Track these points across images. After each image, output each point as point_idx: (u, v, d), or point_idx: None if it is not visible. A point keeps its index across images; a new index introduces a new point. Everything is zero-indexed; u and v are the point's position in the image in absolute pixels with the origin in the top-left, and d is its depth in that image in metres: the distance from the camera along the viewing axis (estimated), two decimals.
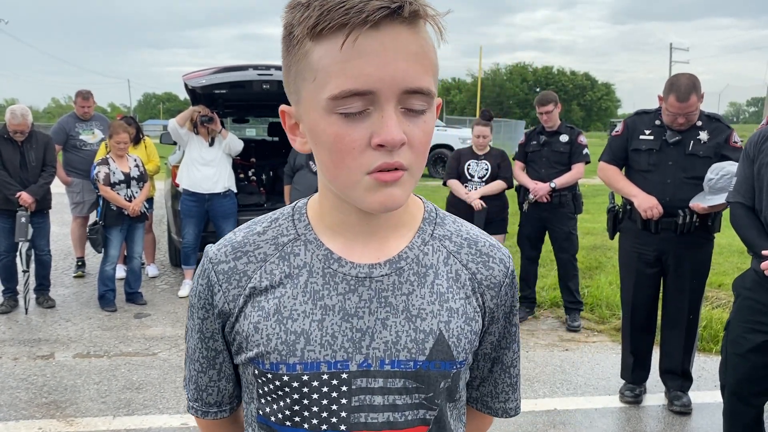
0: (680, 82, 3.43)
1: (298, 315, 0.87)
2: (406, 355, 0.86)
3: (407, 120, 0.78)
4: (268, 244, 0.91)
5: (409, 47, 0.76)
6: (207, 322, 0.93)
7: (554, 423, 3.64)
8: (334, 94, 0.75)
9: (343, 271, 0.88)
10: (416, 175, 0.82)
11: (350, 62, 0.74)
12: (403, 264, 0.89)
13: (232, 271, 0.91)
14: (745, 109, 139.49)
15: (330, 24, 0.74)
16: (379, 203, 0.80)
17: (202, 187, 5.91)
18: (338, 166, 0.80)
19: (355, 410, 0.86)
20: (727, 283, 6.00)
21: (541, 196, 5.10)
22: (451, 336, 0.88)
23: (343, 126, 0.77)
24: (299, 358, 0.86)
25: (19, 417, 3.63)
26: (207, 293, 0.92)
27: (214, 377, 0.98)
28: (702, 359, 4.60)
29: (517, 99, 76.14)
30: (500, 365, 1.02)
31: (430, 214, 0.95)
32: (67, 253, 7.45)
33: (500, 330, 0.98)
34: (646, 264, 3.72)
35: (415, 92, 0.77)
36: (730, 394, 2.87)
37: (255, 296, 0.89)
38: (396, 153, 0.77)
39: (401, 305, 0.87)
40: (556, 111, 5.17)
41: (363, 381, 0.86)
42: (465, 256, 0.93)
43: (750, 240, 2.77)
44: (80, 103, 6.58)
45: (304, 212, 0.93)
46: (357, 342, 0.86)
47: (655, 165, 3.60)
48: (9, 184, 5.27)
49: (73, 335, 4.97)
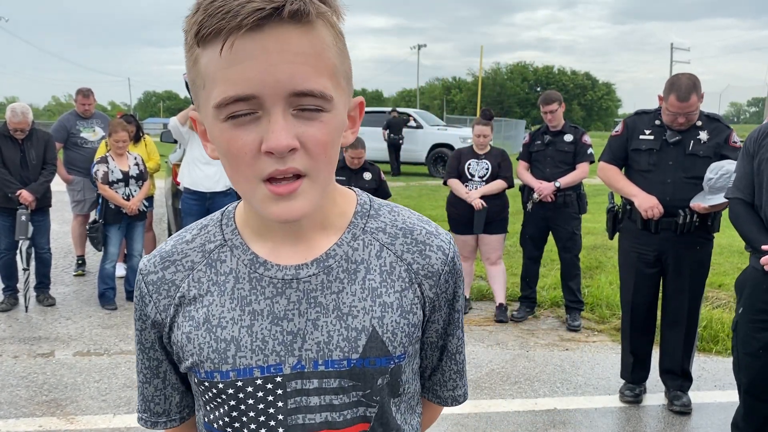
0: (680, 82, 3.43)
1: (227, 322, 0.86)
2: (339, 354, 0.85)
3: (300, 123, 0.75)
4: (196, 252, 0.90)
5: (295, 47, 0.73)
6: (144, 333, 0.94)
7: (554, 422, 3.64)
8: (218, 102, 0.74)
9: (269, 275, 0.87)
10: (319, 180, 0.79)
11: (231, 68, 0.72)
12: (331, 262, 0.87)
13: (161, 281, 0.90)
14: (746, 110, 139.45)
15: (209, 30, 0.72)
16: (277, 216, 0.78)
17: (204, 185, 5.90)
18: (234, 173, 0.78)
19: (292, 412, 0.86)
20: (727, 283, 6.01)
21: (545, 195, 5.10)
22: (385, 332, 0.87)
23: (233, 132, 0.75)
24: (231, 365, 0.85)
25: (20, 415, 3.63)
26: (140, 304, 0.93)
27: (159, 386, 0.98)
28: (702, 359, 4.60)
29: (517, 98, 76.14)
30: (446, 353, 1.01)
31: (363, 207, 0.93)
32: (68, 251, 7.45)
33: (444, 318, 0.96)
34: (645, 264, 3.72)
35: (304, 95, 0.74)
36: (744, 393, 2.87)
37: (185, 305, 0.89)
38: (289, 159, 0.75)
39: (331, 304, 0.86)
40: (560, 110, 5.17)
41: (298, 383, 0.85)
42: (400, 247, 0.90)
43: (749, 236, 2.77)
44: (81, 101, 6.57)
45: (231, 216, 0.92)
46: (288, 345, 0.85)
47: (655, 165, 3.60)
48: (9, 182, 5.27)
49: (74, 333, 4.97)
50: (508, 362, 4.53)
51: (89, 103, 6.61)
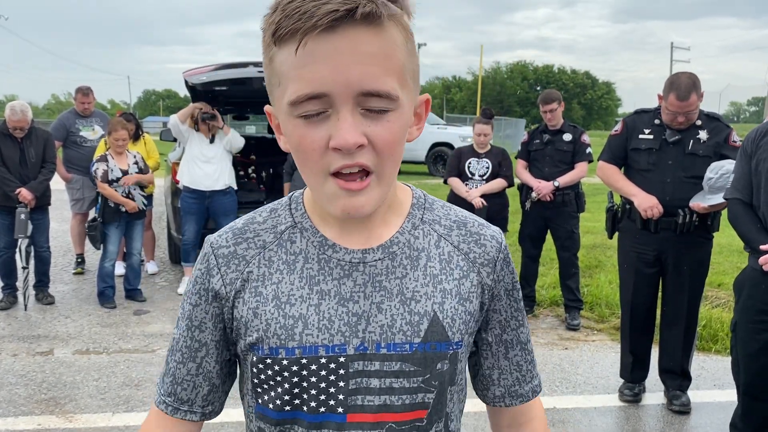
0: (680, 81, 3.42)
1: (296, 300, 0.89)
2: (402, 337, 0.88)
3: (368, 121, 0.78)
4: (267, 232, 0.93)
5: (366, 48, 0.76)
6: (198, 309, 0.94)
7: (553, 421, 3.64)
8: (292, 99, 0.78)
9: (337, 257, 0.90)
10: (386, 179, 0.82)
11: (305, 67, 0.76)
12: (395, 248, 0.91)
13: (231, 255, 0.92)
14: (746, 109, 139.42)
15: (285, 30, 0.76)
16: (342, 210, 0.82)
17: (203, 184, 5.90)
18: (303, 167, 0.83)
19: (352, 393, 0.88)
20: (727, 283, 6.00)
21: (544, 194, 5.10)
22: (445, 317, 0.90)
23: (304, 129, 0.79)
24: (298, 342, 0.87)
25: (18, 413, 3.63)
26: (205, 277, 0.93)
27: (192, 371, 0.96)
28: (701, 358, 4.60)
29: (517, 97, 76.10)
30: (519, 345, 1.02)
31: (418, 200, 0.96)
32: (67, 249, 7.45)
33: (506, 308, 0.99)
34: (645, 263, 3.72)
35: (372, 95, 0.77)
36: (743, 393, 2.87)
37: (252, 281, 0.90)
38: (356, 154, 0.78)
39: (395, 289, 0.89)
40: (559, 110, 5.17)
41: (360, 364, 0.87)
42: (456, 238, 0.95)
43: (748, 235, 2.76)
44: (80, 100, 6.57)
45: (300, 201, 0.95)
46: (353, 326, 0.87)
47: (654, 164, 3.60)
48: (8, 181, 5.26)
49: (73, 332, 4.97)
50: None
51: (89, 102, 6.60)
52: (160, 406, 0.98)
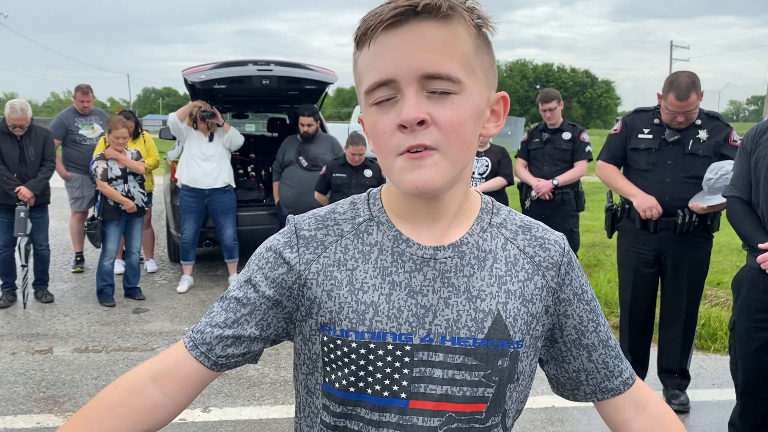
0: (680, 81, 3.41)
1: (369, 287, 0.93)
2: (466, 333, 0.92)
3: (432, 102, 0.84)
4: (347, 223, 0.98)
5: (429, 37, 0.83)
6: (262, 272, 0.96)
7: (552, 420, 3.64)
8: (366, 89, 0.86)
9: (410, 251, 0.94)
10: (451, 157, 0.86)
11: (376, 59, 0.85)
12: (464, 248, 0.95)
13: (311, 238, 0.97)
14: (745, 108, 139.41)
15: (361, 32, 0.86)
16: (411, 183, 0.86)
17: (203, 182, 5.90)
18: (378, 152, 0.89)
19: (416, 380, 0.92)
20: (725, 282, 6.01)
21: (543, 193, 5.10)
22: (508, 316, 0.94)
23: (377, 115, 0.87)
24: (368, 327, 0.92)
25: (17, 411, 3.63)
26: (283, 247, 0.97)
27: (229, 322, 0.95)
28: (700, 357, 4.60)
29: (516, 96, 76.04)
30: (601, 345, 1.03)
31: (487, 205, 1.01)
32: (66, 247, 7.45)
33: (578, 312, 1.00)
34: (644, 263, 3.71)
35: (435, 77, 0.83)
36: (741, 392, 2.88)
37: (328, 266, 0.95)
38: (420, 134, 0.83)
39: (462, 286, 0.93)
40: (558, 108, 5.17)
41: (424, 354, 0.91)
42: (521, 242, 0.99)
43: (746, 233, 2.76)
44: (80, 98, 6.56)
45: (378, 197, 1.00)
46: (421, 317, 0.92)
47: (654, 164, 3.59)
48: (8, 179, 5.26)
49: (72, 330, 4.97)
50: None
51: (88, 100, 6.59)
52: (184, 339, 0.98)
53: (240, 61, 6.51)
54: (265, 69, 6.25)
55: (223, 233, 6.10)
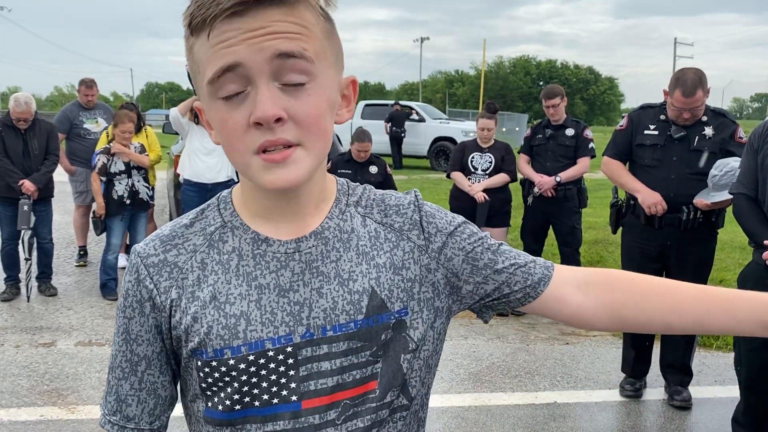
0: (686, 77, 3.40)
1: (235, 298, 0.88)
2: (345, 318, 0.88)
3: (287, 95, 0.79)
4: (197, 235, 0.92)
5: (277, 27, 0.77)
6: (134, 322, 0.91)
7: (554, 416, 3.64)
8: (210, 78, 0.79)
9: (272, 250, 0.90)
10: (314, 151, 0.82)
11: (217, 46, 0.78)
12: (327, 234, 0.91)
13: (162, 263, 0.90)
14: (749, 105, 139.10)
15: (198, 19, 0.78)
16: (272, 183, 0.81)
17: (206, 176, 5.90)
18: (229, 150, 0.83)
19: (304, 379, 0.88)
20: (729, 279, 6.00)
21: (546, 189, 5.09)
22: (383, 290, 0.90)
23: (225, 110, 0.80)
24: (243, 340, 0.86)
25: (21, 404, 3.64)
26: (136, 289, 0.90)
27: (135, 385, 0.93)
28: (702, 354, 4.60)
29: (520, 92, 75.95)
30: (498, 254, 0.96)
31: (342, 187, 0.98)
32: (70, 241, 7.46)
33: (458, 245, 0.95)
34: (648, 259, 3.71)
35: (287, 56, 0.77)
36: (745, 388, 2.89)
37: (188, 287, 0.89)
38: (278, 130, 0.78)
39: (332, 272, 0.90)
40: (562, 105, 5.16)
41: (308, 350, 0.87)
42: (378, 215, 0.96)
43: (753, 230, 2.76)
44: (83, 92, 6.56)
45: (229, 200, 0.95)
46: (296, 314, 0.88)
47: (659, 160, 3.59)
48: (12, 172, 5.27)
49: (75, 323, 4.98)
50: (509, 356, 4.54)
51: (92, 94, 6.59)
52: (105, 426, 0.95)
53: None
54: None
55: None
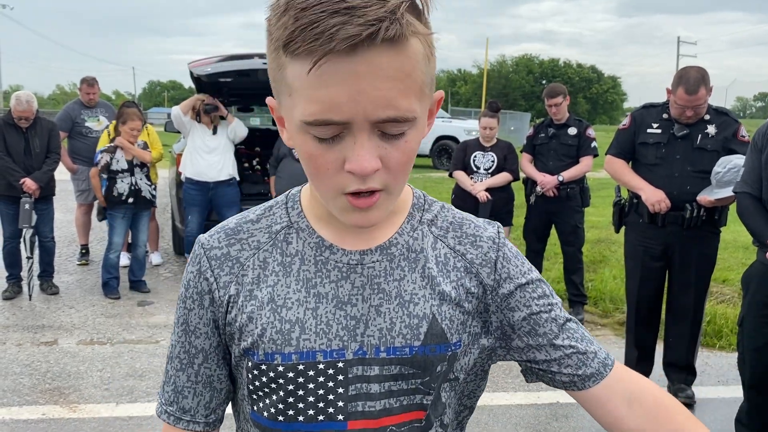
0: (689, 75, 3.40)
1: (292, 303, 0.86)
2: (402, 341, 0.85)
3: (384, 143, 0.75)
4: (262, 232, 0.90)
5: (386, 72, 0.71)
6: (193, 313, 0.90)
7: (556, 416, 3.63)
8: (306, 120, 0.73)
9: (334, 259, 0.87)
10: (396, 192, 0.81)
11: (320, 90, 0.71)
12: (393, 250, 0.88)
13: (225, 257, 0.89)
14: (752, 104, 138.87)
15: (301, 47, 0.70)
16: (353, 224, 0.81)
17: (208, 175, 5.90)
18: (315, 181, 0.80)
19: (352, 399, 0.85)
20: (732, 279, 5.99)
21: (548, 189, 5.08)
22: (444, 319, 0.87)
23: (316, 148, 0.75)
24: (294, 348, 0.84)
25: (23, 403, 3.64)
26: (197, 280, 0.89)
27: (192, 377, 0.92)
28: (705, 354, 4.59)
29: (522, 91, 75.84)
30: (561, 330, 0.91)
31: (418, 200, 0.94)
32: (71, 240, 7.46)
33: (524, 301, 0.90)
34: (651, 258, 3.70)
35: (389, 121, 0.73)
36: (748, 388, 2.88)
37: (246, 285, 0.87)
38: (369, 179, 0.76)
39: (394, 291, 0.86)
40: (564, 103, 5.15)
41: (359, 369, 0.85)
42: (452, 240, 0.92)
43: (756, 229, 2.76)
44: (85, 90, 6.56)
45: (297, 200, 0.92)
46: (351, 330, 0.85)
47: (662, 158, 3.58)
48: (13, 171, 5.27)
49: (77, 322, 4.98)
50: None
51: (94, 92, 6.59)
52: (162, 416, 0.95)
53: (246, 55, 6.50)
54: None
55: None
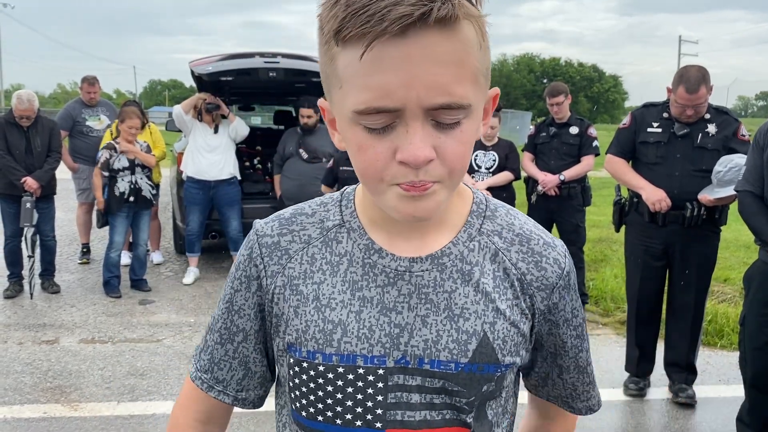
0: (690, 74, 3.40)
1: (336, 304, 0.84)
2: (447, 356, 0.82)
3: (439, 132, 0.72)
4: (314, 227, 0.89)
5: (439, 56, 0.68)
6: (239, 294, 0.91)
7: None
8: (359, 110, 0.71)
9: (382, 263, 0.84)
10: (452, 184, 0.77)
11: (372, 76, 0.69)
12: (445, 260, 0.84)
13: (275, 246, 0.88)
14: (754, 103, 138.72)
15: (352, 32, 0.68)
16: (405, 215, 0.76)
17: (209, 174, 5.91)
18: (363, 175, 0.77)
19: (392, 407, 0.83)
20: (733, 278, 5.98)
21: (549, 188, 5.08)
22: (496, 338, 0.84)
23: (367, 138, 0.73)
24: (336, 349, 0.83)
25: (24, 401, 3.64)
26: (247, 264, 0.90)
27: (230, 353, 0.93)
28: (707, 353, 4.58)
29: (523, 90, 75.80)
30: (576, 369, 0.97)
31: (479, 207, 0.89)
32: (72, 238, 7.47)
33: (562, 336, 0.92)
34: (652, 257, 3.70)
35: (444, 107, 0.70)
36: (749, 386, 2.88)
37: (293, 278, 0.87)
38: (423, 170, 0.72)
39: (443, 303, 0.83)
40: (566, 102, 5.15)
41: (400, 378, 0.83)
42: (515, 255, 0.87)
43: (758, 228, 2.76)
44: (86, 89, 6.57)
45: (351, 198, 0.90)
46: (395, 337, 0.83)
47: (662, 157, 3.58)
48: (14, 170, 5.27)
49: (78, 321, 4.99)
50: None
51: (95, 91, 6.60)
52: (195, 381, 0.96)
53: (247, 53, 6.50)
54: (272, 61, 6.24)
55: (228, 225, 6.10)
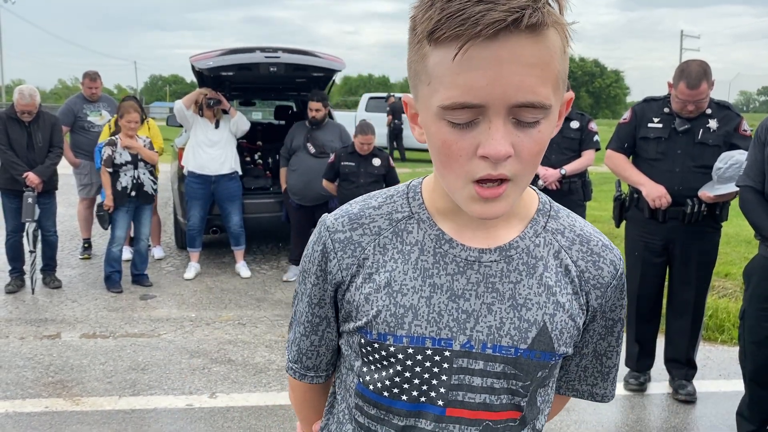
0: (691, 69, 3.38)
1: (408, 290, 0.90)
2: (508, 341, 0.89)
3: (518, 131, 0.77)
4: (383, 219, 0.94)
5: (526, 59, 0.74)
6: (316, 288, 0.97)
7: None
8: (445, 105, 0.76)
9: (453, 253, 0.90)
10: (522, 184, 0.83)
11: (462, 75, 0.74)
12: (513, 253, 0.91)
13: (347, 241, 0.93)
14: (756, 98, 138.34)
15: (446, 33, 0.74)
16: (478, 215, 0.83)
17: (210, 168, 5.91)
18: (444, 169, 0.82)
19: (454, 388, 0.89)
20: (734, 273, 5.98)
21: (550, 182, 5.08)
22: (554, 329, 0.90)
23: (451, 134, 0.78)
24: (406, 332, 0.89)
25: (26, 396, 3.66)
26: (321, 260, 0.95)
27: (315, 342, 1.02)
28: (707, 348, 4.59)
29: None
30: (595, 354, 1.02)
31: (544, 206, 0.96)
32: (74, 234, 7.48)
33: (599, 328, 0.99)
34: (652, 253, 3.70)
35: (525, 106, 0.76)
36: (749, 381, 2.89)
37: (366, 268, 0.92)
38: (501, 165, 0.78)
39: (508, 293, 0.89)
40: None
41: (464, 361, 0.89)
42: (576, 253, 0.94)
43: (759, 223, 2.76)
44: (87, 84, 6.56)
45: (418, 191, 0.95)
46: (462, 323, 0.88)
47: (663, 153, 3.57)
48: (16, 165, 5.28)
49: (80, 316, 5.00)
50: None
51: (96, 87, 6.59)
52: (288, 372, 1.08)
53: (248, 48, 6.49)
54: (272, 56, 6.22)
55: (229, 220, 6.11)
